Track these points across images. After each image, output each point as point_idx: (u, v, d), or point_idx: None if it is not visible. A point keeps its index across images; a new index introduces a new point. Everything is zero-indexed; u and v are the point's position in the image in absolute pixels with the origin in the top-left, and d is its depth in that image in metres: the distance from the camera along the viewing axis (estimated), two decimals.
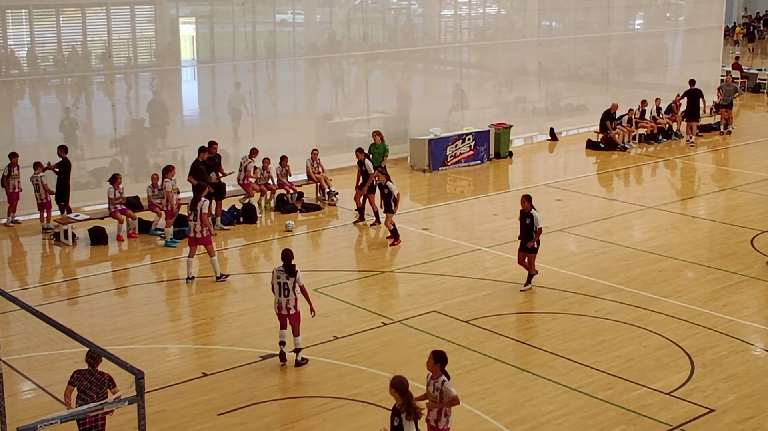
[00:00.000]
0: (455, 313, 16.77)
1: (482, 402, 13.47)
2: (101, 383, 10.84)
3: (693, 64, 38.88)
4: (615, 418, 13.01)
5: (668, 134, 32.93)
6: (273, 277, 14.45)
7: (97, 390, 10.80)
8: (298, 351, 14.55)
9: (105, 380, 10.88)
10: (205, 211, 18.36)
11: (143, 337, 15.83)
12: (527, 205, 17.55)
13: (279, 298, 14.39)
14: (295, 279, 14.31)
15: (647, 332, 16.01)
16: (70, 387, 11.11)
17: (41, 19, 24.32)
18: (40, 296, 17.98)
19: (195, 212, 18.24)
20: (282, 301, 14.37)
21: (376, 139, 23.67)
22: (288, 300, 14.33)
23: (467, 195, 26.35)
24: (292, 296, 14.33)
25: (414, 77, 32.57)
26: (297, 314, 14.43)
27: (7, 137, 23.16)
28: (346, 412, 13.20)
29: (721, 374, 14.39)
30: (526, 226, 17.64)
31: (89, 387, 10.86)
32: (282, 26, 28.90)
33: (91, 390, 10.83)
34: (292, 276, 14.29)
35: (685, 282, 18.78)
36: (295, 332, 14.50)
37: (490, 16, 34.52)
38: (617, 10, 36.36)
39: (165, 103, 25.56)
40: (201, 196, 18.39)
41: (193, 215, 18.29)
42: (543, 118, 33.40)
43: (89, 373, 10.95)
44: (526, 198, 17.63)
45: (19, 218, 22.33)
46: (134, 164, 24.70)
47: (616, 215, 23.41)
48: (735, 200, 25.20)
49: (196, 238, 18.37)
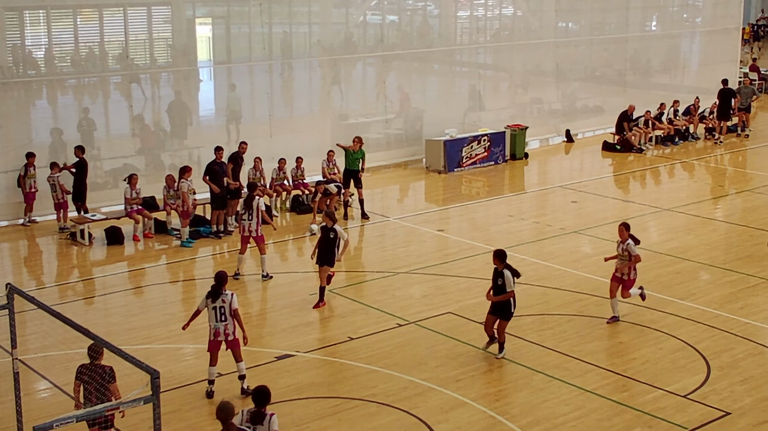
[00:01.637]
0: (470, 314, 16.75)
1: (497, 403, 13.45)
2: (101, 376, 10.87)
3: (710, 65, 38.73)
4: (630, 421, 12.97)
5: (685, 136, 32.82)
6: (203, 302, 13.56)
7: (96, 384, 10.82)
8: (243, 377, 13.72)
9: (105, 373, 10.89)
10: (262, 208, 18.37)
11: (159, 337, 15.88)
12: (499, 264, 14.63)
13: (216, 324, 13.41)
14: (230, 303, 13.39)
15: (663, 334, 15.95)
16: (77, 382, 11.18)
17: (59, 19, 24.42)
18: (57, 296, 18.06)
19: (250, 209, 18.25)
20: (219, 327, 13.39)
21: (356, 145, 23.00)
22: (226, 326, 13.37)
23: (482, 196, 26.32)
24: (230, 320, 13.37)
25: (430, 78, 32.56)
26: (236, 340, 13.51)
27: (24, 137, 23.28)
28: (360, 413, 13.20)
29: (737, 377, 14.33)
30: (497, 286, 14.71)
31: (89, 381, 10.91)
32: (298, 27, 28.93)
33: (90, 383, 10.87)
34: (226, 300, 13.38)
35: (702, 284, 18.70)
36: (237, 358, 13.65)
37: (507, 17, 34.45)
38: (634, 12, 36.24)
39: (184, 103, 25.64)
40: (255, 194, 18.40)
41: (247, 214, 18.29)
42: (559, 119, 33.32)
43: (90, 366, 11.00)
44: (497, 256, 14.67)
45: (36, 218, 22.44)
46: (150, 165, 24.77)
47: (632, 216, 23.31)
48: (752, 202, 25.08)
49: (250, 236, 18.38)
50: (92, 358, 11.00)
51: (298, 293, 18.00)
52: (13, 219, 22.54)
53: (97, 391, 10.85)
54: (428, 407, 13.33)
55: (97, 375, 10.87)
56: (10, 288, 11.10)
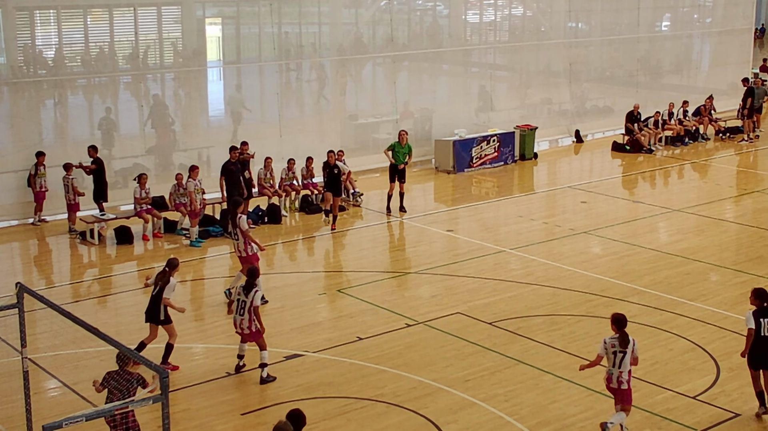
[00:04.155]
0: (479, 315, 16.74)
1: (506, 404, 13.43)
2: (129, 382, 10.87)
3: (722, 66, 38.63)
4: (640, 422, 12.94)
5: (695, 137, 32.73)
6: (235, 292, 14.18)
7: (123, 390, 10.84)
8: (263, 366, 14.03)
9: (134, 379, 10.89)
10: (243, 227, 18.06)
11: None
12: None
13: (235, 315, 14.03)
14: (252, 300, 13.86)
15: (673, 335, 15.91)
16: (100, 388, 11.18)
17: (69, 19, 24.48)
18: (67, 295, 18.09)
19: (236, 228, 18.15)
20: (237, 319, 14.01)
21: (402, 138, 23.59)
22: (242, 320, 13.93)
23: (492, 197, 26.29)
24: (247, 315, 13.88)
25: (440, 78, 32.52)
26: (252, 334, 13.96)
27: (35, 137, 23.33)
28: (369, 413, 13.20)
29: (747, 378, 14.21)
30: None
31: (116, 387, 10.92)
32: (308, 27, 28.95)
33: (118, 389, 10.88)
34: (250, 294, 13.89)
35: (711, 285, 18.64)
36: (261, 347, 14.05)
37: (516, 18, 34.41)
38: (644, 12, 36.13)
39: (194, 103, 25.67)
40: (238, 211, 18.22)
41: (233, 233, 18.11)
42: (569, 120, 33.25)
43: (118, 373, 11.01)
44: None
45: (46, 217, 22.46)
46: (160, 164, 24.80)
47: (642, 217, 23.27)
48: (762, 203, 25.00)
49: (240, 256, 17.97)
50: (120, 366, 11.00)
51: (307, 293, 18.02)
52: (23, 218, 22.59)
53: (121, 397, 10.80)
54: (437, 407, 13.32)
55: (124, 381, 10.87)
56: (20, 287, 11.14)
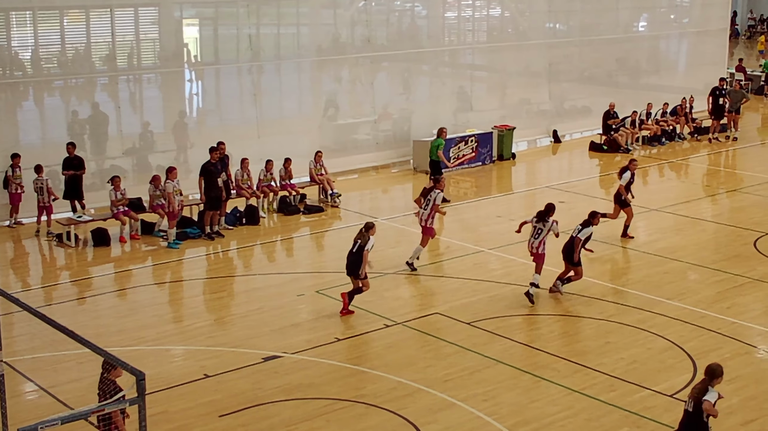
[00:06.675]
0: (458, 315, 16.74)
1: (485, 404, 13.44)
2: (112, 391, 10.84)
3: (698, 66, 38.83)
4: (618, 420, 12.98)
5: (671, 136, 32.88)
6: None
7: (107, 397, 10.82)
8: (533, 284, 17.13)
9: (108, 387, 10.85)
10: (438, 202, 19.02)
11: (148, 338, 15.81)
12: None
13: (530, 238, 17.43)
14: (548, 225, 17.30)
15: (651, 334, 15.97)
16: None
17: (45, 21, 24.30)
18: (44, 298, 17.98)
19: (427, 201, 18.98)
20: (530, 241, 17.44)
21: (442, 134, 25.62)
22: (533, 241, 17.35)
23: (470, 197, 26.31)
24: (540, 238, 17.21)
25: (419, 79, 32.49)
26: (539, 254, 17.28)
27: (11, 138, 23.12)
28: (349, 414, 13.18)
29: (725, 376, 14.25)
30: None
31: (100, 394, 10.93)
32: (287, 28, 28.87)
33: (102, 396, 10.89)
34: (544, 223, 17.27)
35: (690, 284, 18.73)
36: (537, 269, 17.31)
37: (494, 18, 34.45)
38: (623, 12, 36.29)
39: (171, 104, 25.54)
40: (438, 188, 19.22)
41: (424, 204, 19.02)
42: (548, 120, 33.32)
43: (102, 380, 11.00)
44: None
45: (23, 219, 22.26)
46: (138, 166, 24.68)
47: (621, 217, 23.33)
48: (740, 202, 25.15)
49: (424, 227, 19.11)
50: (102, 372, 10.96)
51: (286, 294, 17.97)
52: None
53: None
54: (417, 408, 13.32)
55: (105, 388, 10.86)
56: None
